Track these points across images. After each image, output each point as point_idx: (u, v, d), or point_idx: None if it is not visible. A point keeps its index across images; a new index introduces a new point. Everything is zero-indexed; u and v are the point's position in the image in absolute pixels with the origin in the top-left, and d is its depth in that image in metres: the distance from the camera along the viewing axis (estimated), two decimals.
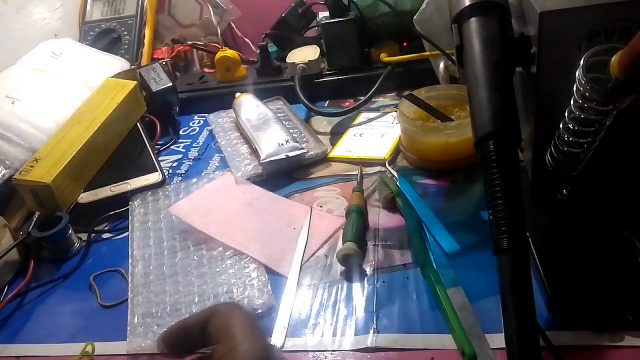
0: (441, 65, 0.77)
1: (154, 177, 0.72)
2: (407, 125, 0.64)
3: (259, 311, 0.50)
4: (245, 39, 1.11)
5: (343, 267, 0.53)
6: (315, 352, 0.46)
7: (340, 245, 0.55)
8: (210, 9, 1.07)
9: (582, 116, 0.39)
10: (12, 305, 0.57)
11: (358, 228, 0.56)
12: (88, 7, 1.08)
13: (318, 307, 0.50)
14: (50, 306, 0.57)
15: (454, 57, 0.47)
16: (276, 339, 0.47)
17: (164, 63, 0.95)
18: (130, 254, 0.61)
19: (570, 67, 0.39)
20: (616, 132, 0.40)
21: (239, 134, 0.79)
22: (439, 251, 0.52)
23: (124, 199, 0.69)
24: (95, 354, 0.49)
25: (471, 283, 0.48)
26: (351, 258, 0.53)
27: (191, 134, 0.87)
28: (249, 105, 0.79)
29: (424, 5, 0.74)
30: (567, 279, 0.43)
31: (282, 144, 0.69)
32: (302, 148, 0.70)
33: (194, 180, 0.70)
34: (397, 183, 0.62)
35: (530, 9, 0.43)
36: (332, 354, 0.45)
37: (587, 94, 0.38)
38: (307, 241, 0.58)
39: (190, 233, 0.61)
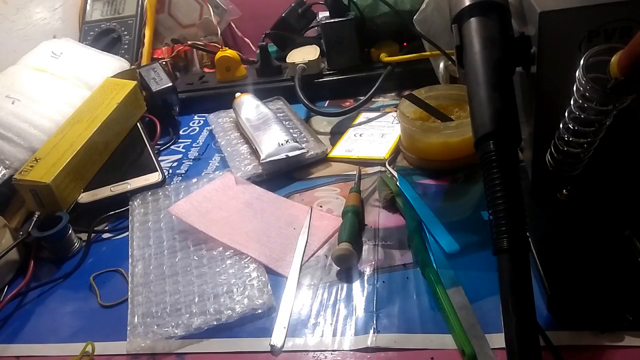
0: (441, 65, 0.77)
1: (154, 177, 0.72)
2: (407, 125, 0.64)
3: (259, 311, 0.50)
4: (245, 39, 1.11)
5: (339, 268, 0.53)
6: (315, 352, 0.46)
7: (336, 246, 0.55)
8: (210, 9, 1.07)
9: (582, 116, 0.39)
10: (12, 305, 0.57)
11: (353, 228, 0.56)
12: (88, 7, 1.08)
13: (318, 307, 0.50)
14: (50, 306, 0.57)
15: (454, 57, 0.47)
16: (276, 339, 0.47)
17: (164, 63, 0.95)
18: (130, 254, 0.61)
19: (570, 67, 0.39)
20: (616, 132, 0.40)
21: (239, 134, 0.79)
22: (439, 251, 0.52)
23: (124, 199, 0.69)
24: (95, 354, 0.49)
25: (471, 283, 0.48)
26: (346, 258, 0.53)
27: (191, 134, 0.87)
28: (249, 105, 0.79)
29: (424, 5, 0.74)
30: (567, 279, 0.43)
31: (282, 144, 0.69)
32: (302, 148, 0.70)
33: (194, 180, 0.70)
34: (397, 183, 0.62)
35: (530, 9, 0.43)
36: (332, 354, 0.45)
37: (587, 94, 0.38)
38: (307, 241, 0.58)
39: (190, 233, 0.61)
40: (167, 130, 0.87)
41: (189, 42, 1.04)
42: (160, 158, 0.79)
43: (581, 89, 0.38)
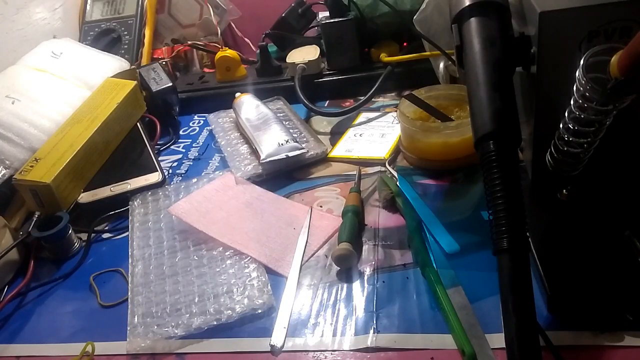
0: (441, 65, 0.77)
1: (154, 177, 0.72)
2: (407, 125, 0.64)
3: (259, 311, 0.50)
4: (245, 39, 1.11)
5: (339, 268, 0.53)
6: (315, 352, 0.46)
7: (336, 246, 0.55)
8: (210, 9, 1.07)
9: (582, 116, 0.39)
10: (12, 305, 0.57)
11: (353, 228, 0.56)
12: (88, 7, 1.08)
13: (318, 307, 0.50)
14: (50, 306, 0.57)
15: (454, 57, 0.47)
16: (276, 339, 0.47)
17: (164, 63, 0.95)
18: (130, 254, 0.61)
19: (570, 67, 0.39)
20: (616, 132, 0.40)
21: (239, 134, 0.79)
22: (439, 251, 0.52)
23: (124, 199, 0.69)
24: (95, 354, 0.49)
25: (471, 283, 0.48)
26: (346, 258, 0.53)
27: (191, 134, 0.87)
28: (249, 105, 0.79)
29: (424, 5, 0.74)
30: (567, 279, 0.43)
31: (282, 144, 0.69)
32: (302, 148, 0.70)
33: (194, 180, 0.70)
34: (397, 183, 0.62)
35: (530, 9, 0.43)
36: (332, 354, 0.45)
37: (587, 94, 0.38)
38: (307, 241, 0.58)
39: (190, 233, 0.61)
40: (167, 130, 0.87)
41: (189, 42, 1.04)
42: (160, 158, 0.79)
43: (581, 89, 0.38)
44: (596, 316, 0.42)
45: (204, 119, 0.90)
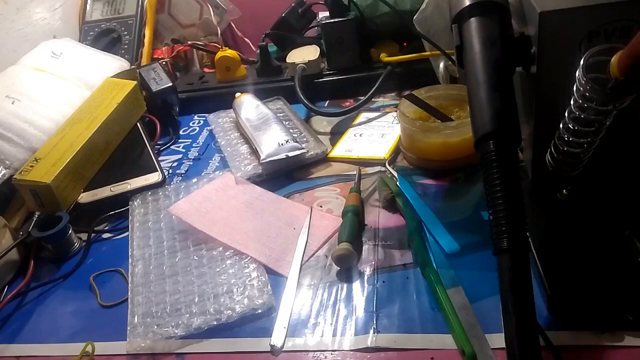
0: (441, 65, 0.77)
1: (154, 177, 0.72)
2: (407, 125, 0.64)
3: (259, 311, 0.50)
4: (245, 39, 1.11)
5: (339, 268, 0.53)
6: (315, 352, 0.46)
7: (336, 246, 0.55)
8: (210, 9, 1.07)
9: (582, 116, 0.39)
10: (12, 305, 0.57)
11: (353, 228, 0.56)
12: (88, 7, 1.08)
13: (318, 307, 0.50)
14: (50, 306, 0.57)
15: (454, 57, 0.47)
16: (276, 339, 0.47)
17: (164, 63, 0.95)
18: (130, 254, 0.61)
19: (570, 67, 0.39)
20: (616, 132, 0.40)
21: (239, 134, 0.79)
22: (439, 251, 0.52)
23: (124, 199, 0.69)
24: (95, 354, 0.49)
25: (471, 283, 0.48)
26: (346, 258, 0.53)
27: (191, 134, 0.87)
28: (249, 105, 0.79)
29: (424, 5, 0.74)
30: (567, 279, 0.43)
31: (282, 144, 0.69)
32: (302, 148, 0.70)
33: (194, 180, 0.70)
34: (397, 183, 0.62)
35: (530, 9, 0.43)
36: (332, 354, 0.45)
37: (587, 94, 0.38)
38: (307, 241, 0.58)
39: (190, 233, 0.61)
40: (167, 130, 0.87)
41: (189, 42, 1.04)
42: (160, 158, 0.79)
43: (581, 89, 0.38)
44: (596, 316, 0.42)
45: (204, 119, 0.90)
